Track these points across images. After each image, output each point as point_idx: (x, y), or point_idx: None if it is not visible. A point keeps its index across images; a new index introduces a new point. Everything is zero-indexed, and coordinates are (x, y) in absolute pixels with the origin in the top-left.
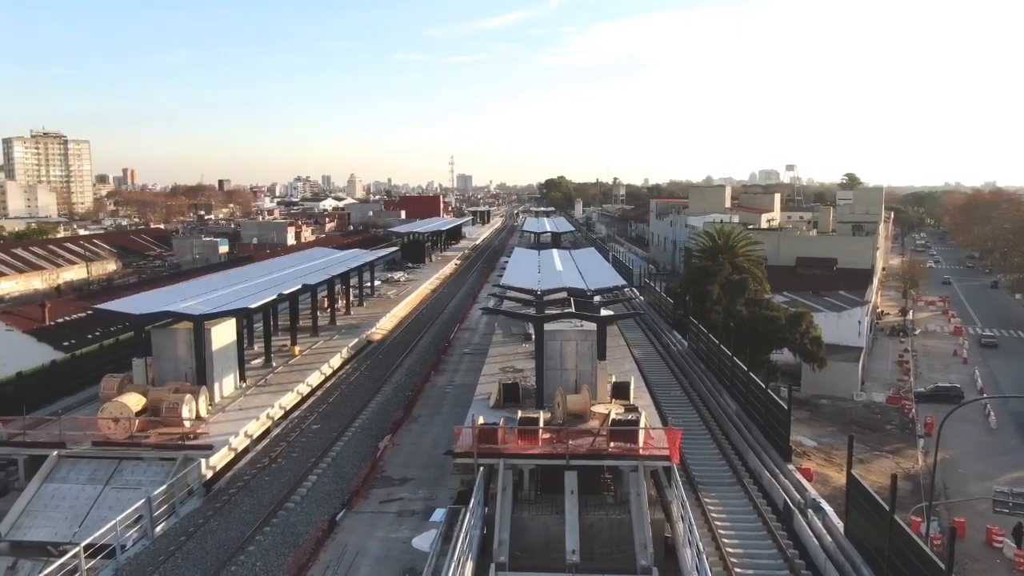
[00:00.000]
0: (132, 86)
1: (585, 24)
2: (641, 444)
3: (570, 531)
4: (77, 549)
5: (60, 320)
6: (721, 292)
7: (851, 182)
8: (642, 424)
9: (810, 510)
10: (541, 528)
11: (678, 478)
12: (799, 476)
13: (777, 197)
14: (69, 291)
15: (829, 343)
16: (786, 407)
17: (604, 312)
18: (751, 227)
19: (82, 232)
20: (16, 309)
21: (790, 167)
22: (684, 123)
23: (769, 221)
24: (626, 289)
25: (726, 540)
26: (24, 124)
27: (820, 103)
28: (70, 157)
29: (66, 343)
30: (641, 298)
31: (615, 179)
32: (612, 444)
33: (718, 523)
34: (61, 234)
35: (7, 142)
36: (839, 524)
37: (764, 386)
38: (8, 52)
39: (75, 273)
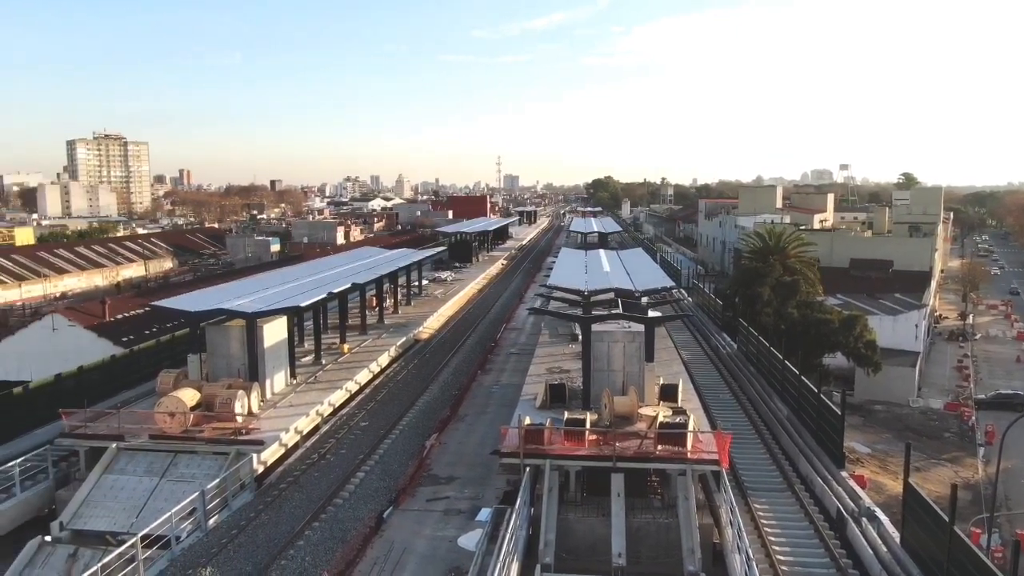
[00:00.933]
0: (189, 88)
1: (631, 23)
2: (689, 447)
3: (616, 534)
4: (134, 539)
5: (119, 316)
6: (772, 294)
7: (908, 182)
8: (690, 427)
9: (864, 519)
10: (587, 530)
11: (727, 483)
12: (852, 483)
13: (830, 197)
14: (128, 288)
15: (884, 347)
16: (839, 412)
17: (652, 313)
18: (803, 228)
19: (140, 231)
20: (79, 306)
21: (844, 167)
22: (733, 122)
23: (822, 222)
24: (674, 290)
25: (776, 547)
26: (87, 125)
27: (876, 101)
28: (129, 158)
29: (125, 339)
30: (689, 299)
31: (663, 179)
32: (660, 447)
33: (768, 530)
34: (121, 233)
35: (71, 144)
36: (895, 534)
37: (816, 390)
38: (72, 55)
39: (134, 271)
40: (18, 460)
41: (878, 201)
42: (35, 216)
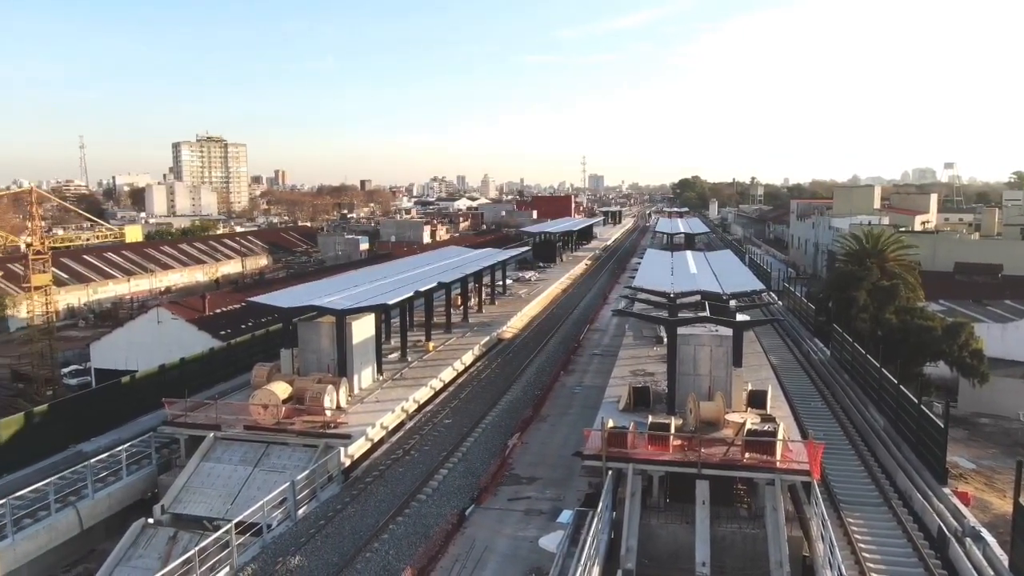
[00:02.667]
0: (284, 91)
1: (719, 20)
2: (778, 456)
3: (701, 542)
4: (229, 526)
5: (218, 311)
6: (868, 298)
7: (1020, 180)
8: (780, 435)
9: (968, 539)
10: (670, 537)
11: (818, 494)
12: (956, 501)
13: (933, 198)
14: (226, 284)
15: (992, 357)
16: (942, 425)
17: (740, 317)
18: (903, 229)
19: (238, 229)
20: (182, 300)
21: (948, 165)
22: (829, 118)
23: (924, 223)
24: (763, 293)
25: (871, 565)
26: (191, 128)
27: (985, 94)
28: (229, 160)
29: (223, 332)
30: (779, 303)
31: (752, 178)
32: (747, 455)
33: (862, 546)
34: (220, 231)
35: (176, 146)
36: (1003, 557)
37: (917, 401)
38: (177, 62)
39: (231, 267)
40: (125, 445)
41: (986, 202)
42: (143, 215)
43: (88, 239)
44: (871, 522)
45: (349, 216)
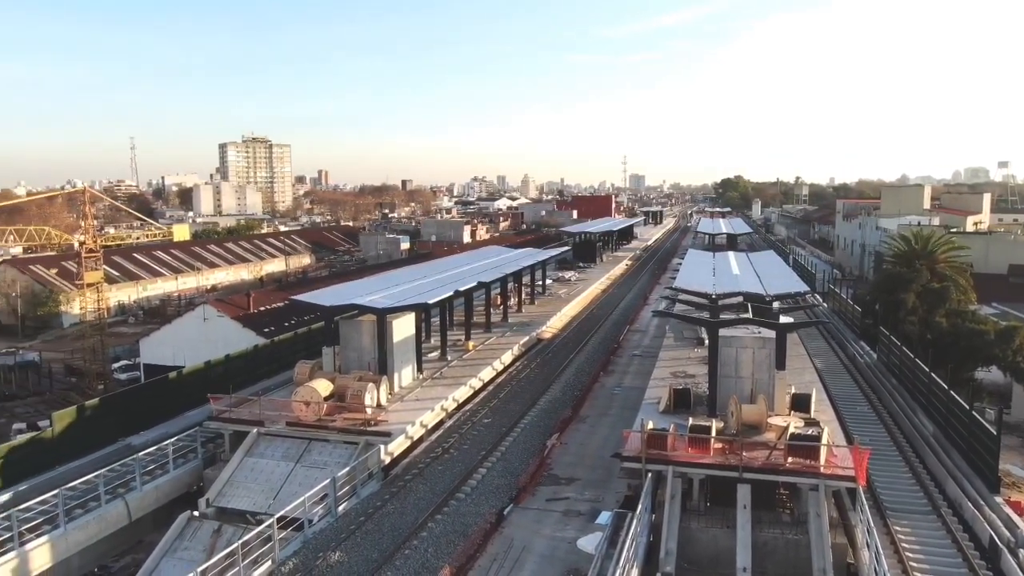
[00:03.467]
0: (327, 91)
1: (764, 16)
2: (822, 461)
3: (742, 547)
4: (271, 520)
5: (262, 309)
6: (917, 301)
7: None
8: (824, 440)
9: (1022, 550)
10: (710, 541)
11: (864, 501)
12: (1008, 510)
13: (986, 197)
14: (270, 282)
15: None
16: (994, 431)
17: (784, 319)
18: (954, 230)
19: (282, 228)
20: (227, 298)
21: (1003, 164)
22: (876, 117)
23: (976, 224)
24: (808, 295)
25: (918, 574)
26: (237, 129)
27: None
28: (274, 160)
29: (266, 330)
30: (824, 305)
31: (797, 178)
32: (790, 459)
33: (909, 555)
34: (264, 230)
35: (223, 147)
36: None
37: (968, 407)
38: (223, 64)
39: (275, 266)
40: (172, 439)
41: None
42: (191, 214)
43: (138, 238)
44: (919, 530)
45: (390, 216)
